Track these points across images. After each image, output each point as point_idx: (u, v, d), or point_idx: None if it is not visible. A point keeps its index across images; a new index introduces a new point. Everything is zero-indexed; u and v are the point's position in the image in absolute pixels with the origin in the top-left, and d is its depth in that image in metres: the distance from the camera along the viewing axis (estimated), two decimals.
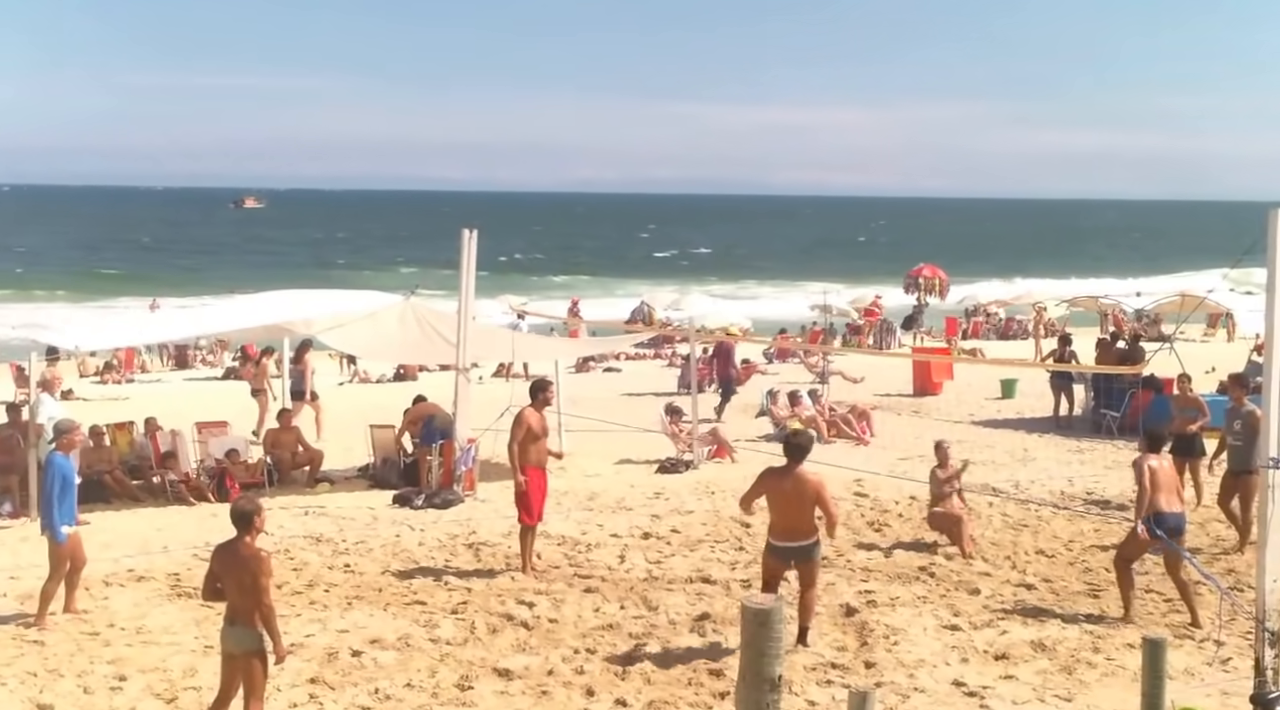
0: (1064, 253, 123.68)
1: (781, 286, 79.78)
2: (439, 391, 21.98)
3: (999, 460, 21.87)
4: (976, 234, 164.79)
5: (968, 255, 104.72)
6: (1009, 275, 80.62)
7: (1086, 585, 14.08)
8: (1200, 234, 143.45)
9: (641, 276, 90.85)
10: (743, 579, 14.21)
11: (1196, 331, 45.94)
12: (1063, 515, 17.40)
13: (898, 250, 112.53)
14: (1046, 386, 26.49)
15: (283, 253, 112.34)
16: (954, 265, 63.79)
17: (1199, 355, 30.97)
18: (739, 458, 21.82)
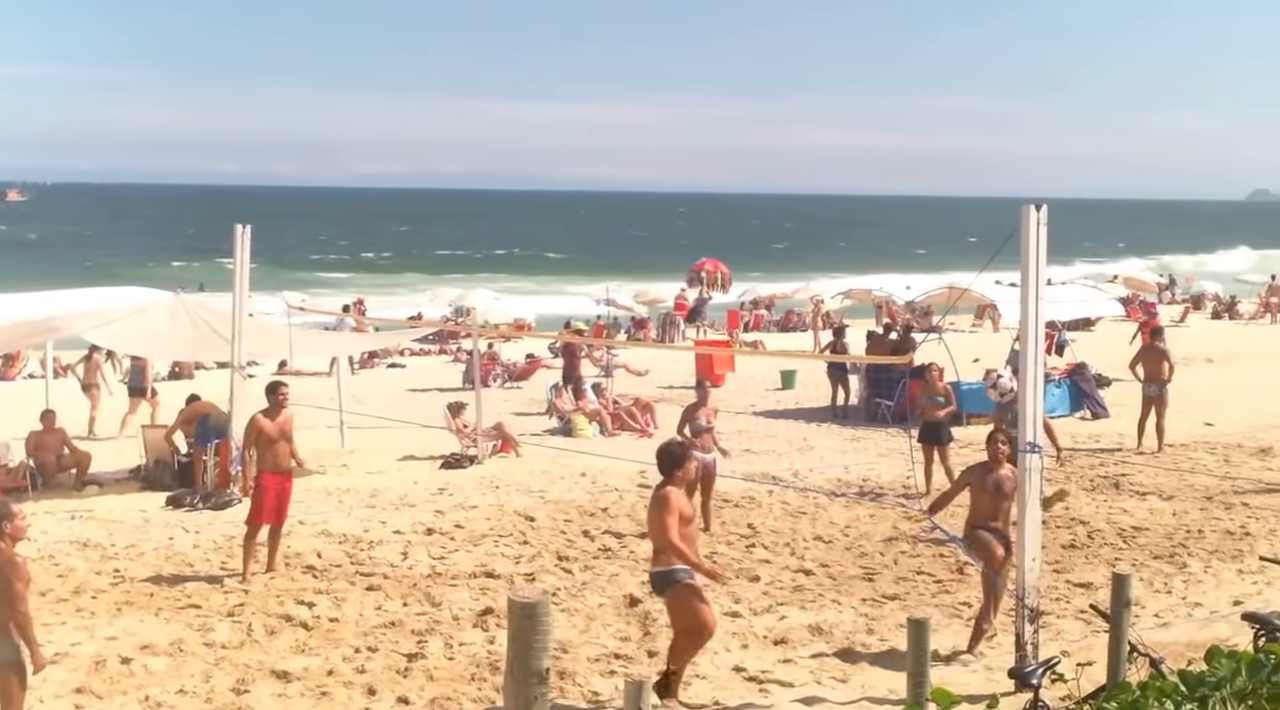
0: (842, 247, 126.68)
1: (567, 282, 79.87)
2: (217, 390, 21.50)
3: (779, 450, 22.35)
4: (759, 229, 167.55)
5: (751, 250, 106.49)
6: (790, 269, 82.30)
7: (862, 569, 14.49)
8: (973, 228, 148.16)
9: (427, 272, 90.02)
10: (526, 572, 14.27)
11: (966, 322, 47.70)
12: (840, 502, 17.85)
13: (682, 245, 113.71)
14: (824, 377, 27.17)
15: (44, 248, 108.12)
16: (736, 259, 64.81)
17: (967, 345, 32.03)
18: (524, 452, 21.89)
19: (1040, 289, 10.50)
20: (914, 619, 7.76)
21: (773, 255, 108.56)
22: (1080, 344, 32.15)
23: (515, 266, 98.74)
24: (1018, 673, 8.56)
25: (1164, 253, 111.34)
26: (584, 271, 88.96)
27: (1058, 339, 30.50)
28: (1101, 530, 16.21)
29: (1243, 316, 55.15)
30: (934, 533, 14.00)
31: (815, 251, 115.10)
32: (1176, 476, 19.31)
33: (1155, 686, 5.06)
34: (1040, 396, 10.75)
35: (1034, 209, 10.30)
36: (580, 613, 12.73)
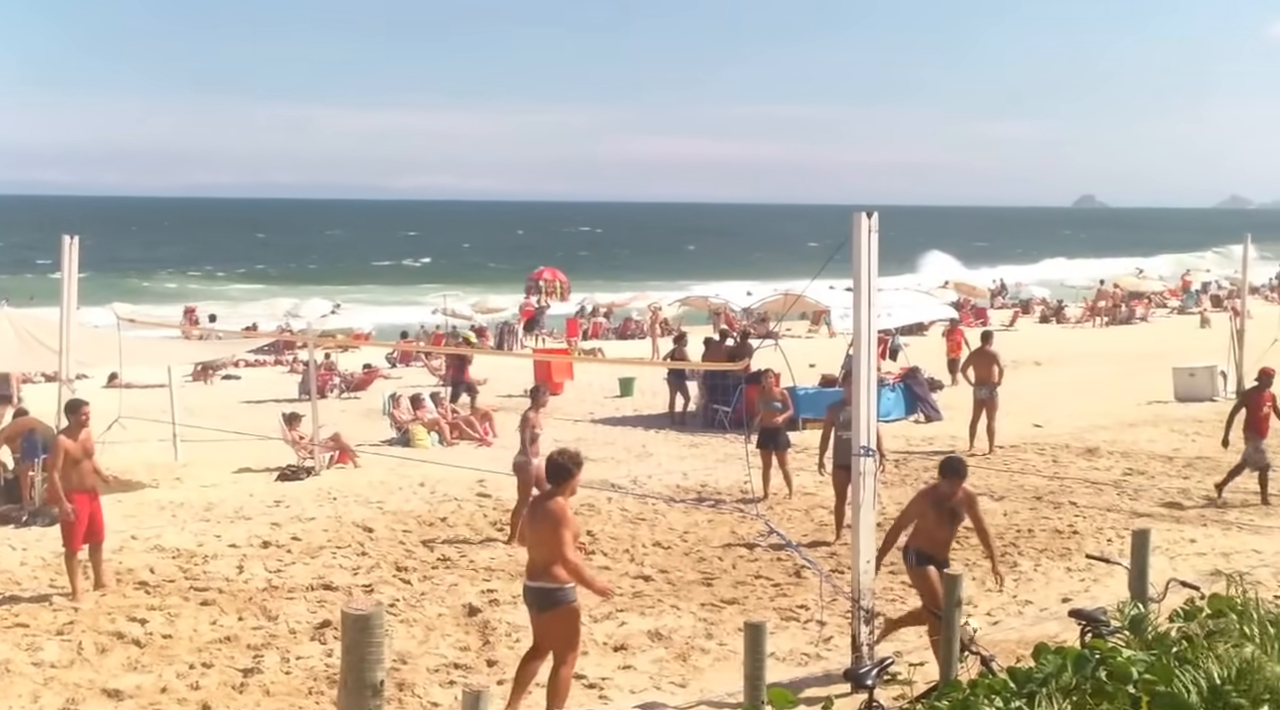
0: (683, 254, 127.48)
1: (404, 291, 79.13)
2: (44, 404, 20.85)
3: (618, 457, 22.40)
4: (597, 237, 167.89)
5: (589, 257, 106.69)
6: (628, 276, 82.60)
7: (701, 574, 14.58)
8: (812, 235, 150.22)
9: (261, 282, 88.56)
10: (365, 584, 14.10)
11: (803, 328, 48.34)
12: (678, 508, 17.94)
13: (521, 254, 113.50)
14: (663, 384, 27.32)
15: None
16: (575, 268, 64.87)
17: (803, 350, 32.48)
18: (362, 462, 21.63)
19: (872, 295, 10.65)
20: (750, 623, 7.81)
21: (611, 263, 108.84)
22: (914, 348, 32.79)
23: (351, 276, 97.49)
24: (853, 674, 8.67)
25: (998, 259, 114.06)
26: (420, 281, 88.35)
27: (891, 344, 31.09)
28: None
29: (1069, 321, 56.75)
30: (771, 537, 14.16)
31: (654, 259, 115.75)
32: (1007, 477, 19.78)
33: (985, 684, 5.16)
34: (874, 401, 10.92)
35: (865, 216, 10.44)
36: (419, 623, 12.62)
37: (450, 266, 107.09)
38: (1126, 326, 53.58)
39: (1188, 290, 65.25)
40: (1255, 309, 44.92)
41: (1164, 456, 21.68)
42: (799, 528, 16.86)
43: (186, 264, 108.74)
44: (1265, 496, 18.02)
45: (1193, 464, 20.95)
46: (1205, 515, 17.31)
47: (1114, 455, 21.83)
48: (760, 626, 7.66)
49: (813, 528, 16.90)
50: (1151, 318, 57.10)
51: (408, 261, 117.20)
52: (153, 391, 27.46)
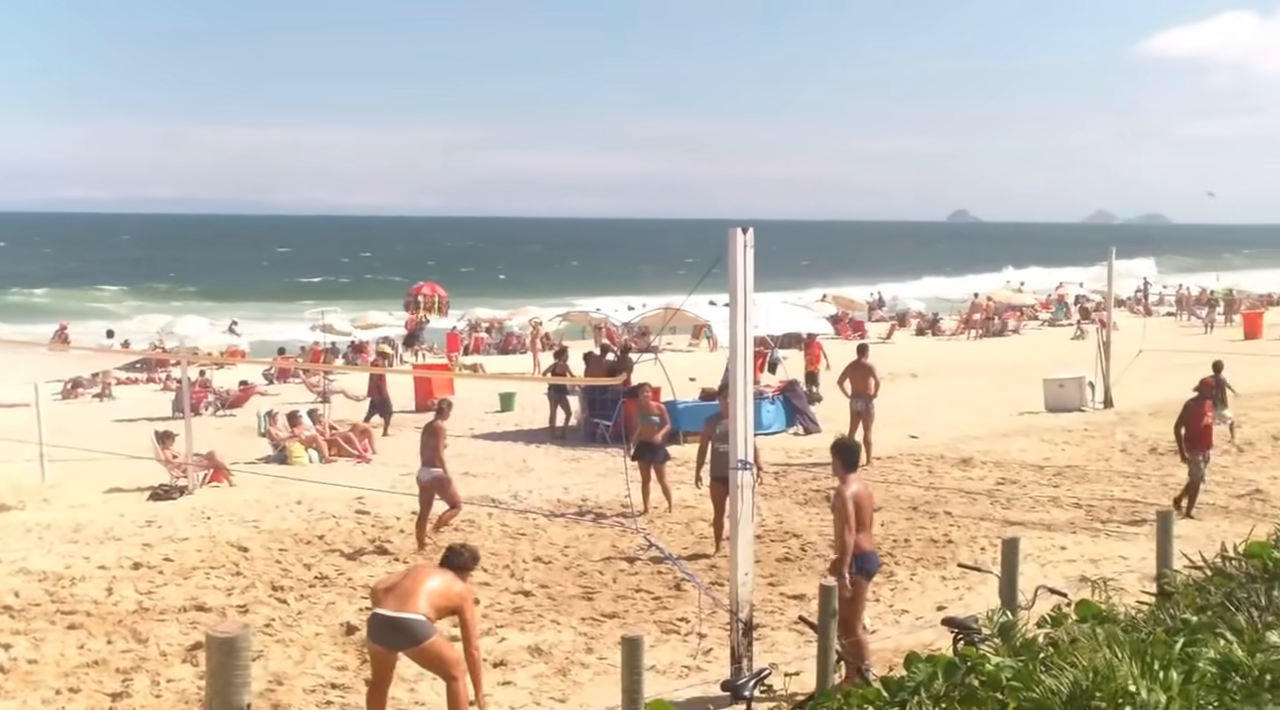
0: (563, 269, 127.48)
1: (281, 307, 78.09)
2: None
3: (498, 472, 22.32)
4: (477, 252, 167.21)
5: (470, 272, 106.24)
6: (509, 291, 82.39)
7: (581, 589, 14.56)
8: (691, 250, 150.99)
9: (135, 299, 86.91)
10: (239, 605, 13.88)
11: (684, 342, 48.57)
12: (559, 523, 17.91)
13: (400, 269, 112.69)
14: (544, 399, 27.28)
15: None
16: (455, 282, 64.53)
17: (685, 364, 32.64)
18: (237, 481, 21.32)
19: (749, 309, 10.73)
20: (627, 637, 7.81)
21: (492, 278, 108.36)
22: (792, 361, 33.10)
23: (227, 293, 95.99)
24: (730, 685, 8.71)
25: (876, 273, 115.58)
26: (298, 297, 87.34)
27: (770, 357, 31.35)
28: (814, 542, 16.68)
29: (945, 333, 57.61)
30: (651, 551, 14.20)
31: (534, 274, 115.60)
32: (884, 488, 20.00)
33: (859, 693, 5.22)
34: (750, 414, 11.00)
35: (740, 232, 10.52)
36: (296, 643, 12.45)
37: (327, 282, 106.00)
38: (1000, 339, 54.52)
39: (1061, 303, 66.61)
40: (1121, 321, 45.94)
41: (1035, 465, 22.07)
42: (679, 541, 16.92)
43: (57, 280, 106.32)
44: (1190, 510, 17.83)
45: (1062, 473, 21.36)
46: (1074, 522, 17.66)
47: (987, 465, 22.19)
48: (637, 641, 7.66)
49: (693, 541, 16.97)
50: (1023, 330, 58.16)
51: (285, 277, 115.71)
52: (18, 410, 26.83)
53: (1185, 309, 65.96)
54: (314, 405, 27.81)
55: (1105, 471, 21.54)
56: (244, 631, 4.74)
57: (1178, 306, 68.76)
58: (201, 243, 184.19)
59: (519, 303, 63.17)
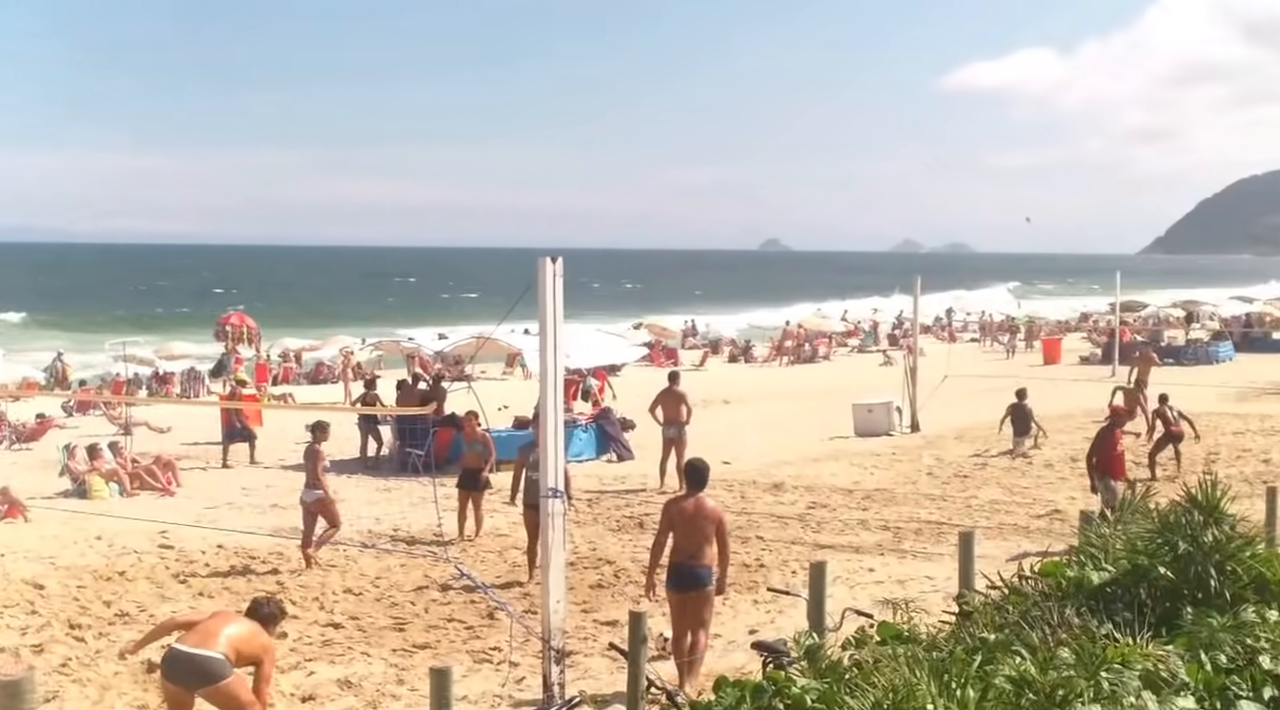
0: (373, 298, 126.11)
1: (78, 338, 75.68)
2: None
3: None
4: (287, 281, 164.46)
5: (279, 302, 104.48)
6: (320, 321, 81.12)
7: (393, 620, 14.37)
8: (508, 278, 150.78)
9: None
10: (34, 644, 13.36)
11: (498, 370, 48.34)
12: (370, 553, 17.64)
13: (208, 298, 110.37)
14: (355, 428, 26.88)
15: None
16: (264, 312, 63.41)
17: (499, 393, 32.47)
18: (33, 516, 20.54)
19: (559, 338, 10.72)
20: (436, 668, 7.71)
21: (302, 307, 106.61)
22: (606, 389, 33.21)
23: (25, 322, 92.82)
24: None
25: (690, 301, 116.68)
26: (101, 328, 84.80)
27: (583, 385, 31.40)
28: (627, 569, 16.70)
29: (757, 360, 58.35)
30: (461, 580, 14.06)
31: (346, 303, 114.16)
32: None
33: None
34: (561, 442, 10.97)
35: (550, 261, 10.53)
36: (94, 683, 12.04)
37: (133, 312, 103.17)
38: (811, 365, 55.43)
39: (870, 330, 68.04)
40: (927, 347, 47.09)
41: (845, 489, 22.46)
42: (493, 569, 16.81)
43: None
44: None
45: (871, 496, 21.77)
46: (882, 544, 18.00)
47: (798, 489, 22.50)
48: (445, 671, 7.57)
49: (506, 569, 16.87)
50: (834, 357, 59.22)
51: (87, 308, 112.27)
52: None
53: (988, 335, 67.92)
54: (115, 438, 26.98)
55: (912, 494, 22.01)
56: (29, 674, 4.55)
57: (981, 333, 70.81)
58: (4, 270, 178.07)
59: (330, 332, 62.20)
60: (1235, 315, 66.35)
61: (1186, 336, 59.38)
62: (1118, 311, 53.30)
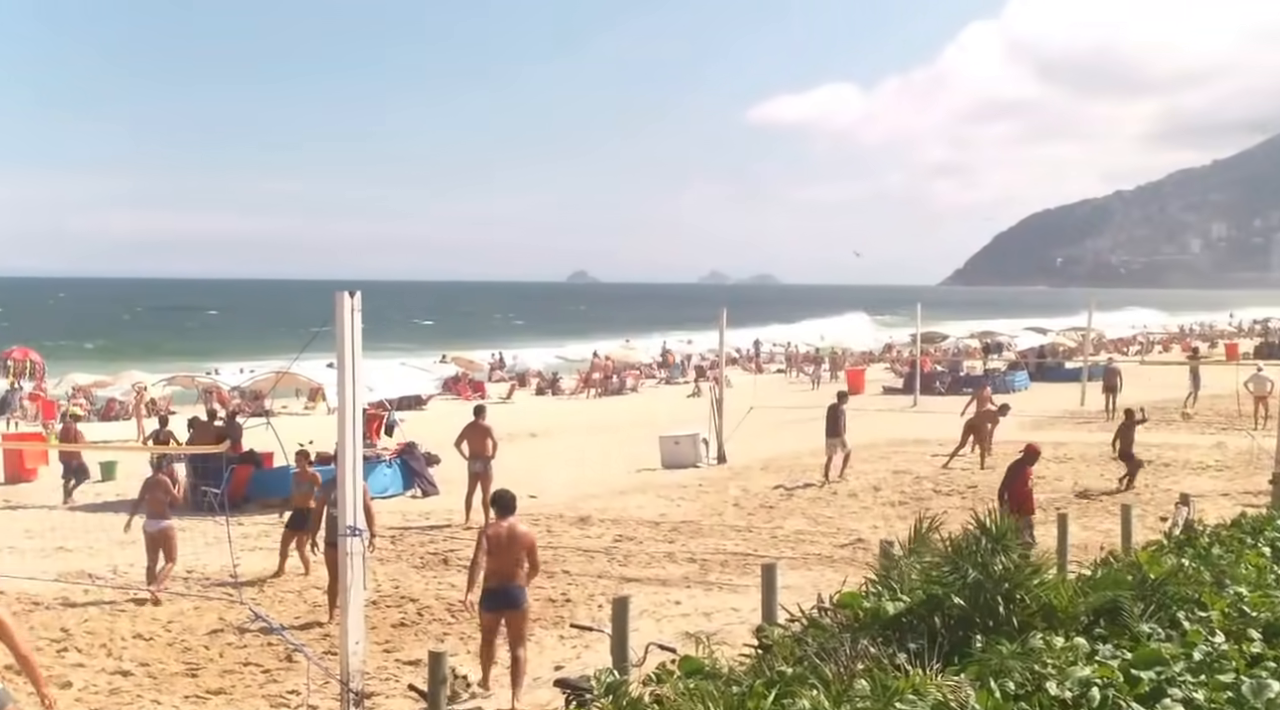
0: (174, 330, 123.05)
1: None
2: None
3: (98, 545, 21.11)
4: (77, 314, 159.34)
5: (68, 336, 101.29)
6: (115, 355, 78.84)
7: (185, 665, 13.86)
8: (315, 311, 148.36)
9: None
10: None
11: (300, 405, 47.46)
12: (163, 596, 17.03)
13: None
14: (148, 466, 26.00)
15: None
16: (53, 347, 61.35)
17: (302, 428, 31.79)
18: None
19: (357, 372, 10.51)
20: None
21: (95, 341, 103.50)
22: (410, 423, 32.78)
23: None
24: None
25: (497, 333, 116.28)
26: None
27: (388, 419, 30.93)
28: (431, 607, 16.41)
29: (565, 392, 58.36)
30: (257, 622, 13.65)
31: (145, 336, 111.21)
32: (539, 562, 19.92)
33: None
34: (359, 478, 10.73)
35: (348, 295, 10.34)
36: None
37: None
38: (619, 397, 55.64)
39: (678, 361, 68.57)
40: (734, 378, 47.62)
41: (651, 522, 22.45)
42: (292, 610, 16.37)
43: None
44: None
45: (678, 528, 21.79)
46: (689, 577, 18.00)
47: (605, 522, 22.43)
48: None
49: (306, 609, 16.44)
50: (642, 388, 59.52)
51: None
52: None
53: (794, 366, 69.05)
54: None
55: (719, 526, 22.10)
56: None
57: (787, 364, 71.95)
58: None
59: (123, 366, 60.41)
60: (1031, 346, 68.53)
61: (984, 366, 61.10)
62: (918, 342, 54.63)
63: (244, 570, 17.60)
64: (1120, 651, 6.16)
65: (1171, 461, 28.82)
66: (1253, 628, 6.41)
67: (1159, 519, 19.30)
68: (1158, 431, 35.44)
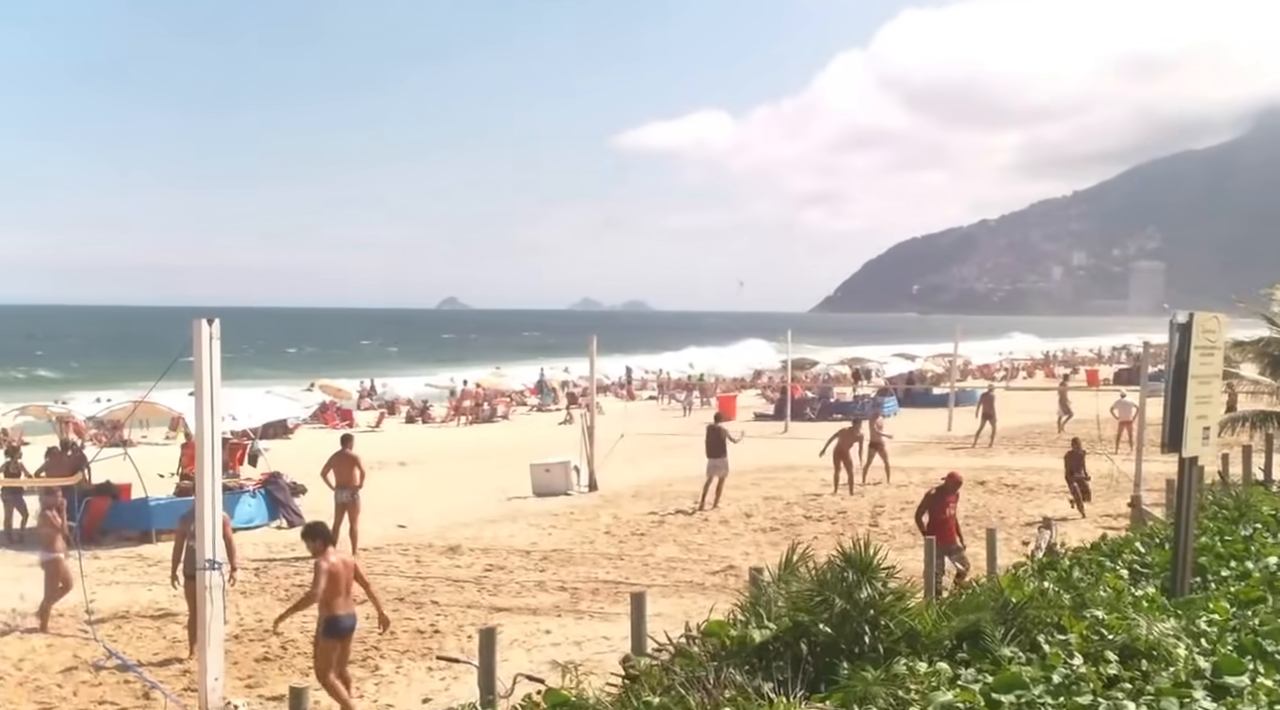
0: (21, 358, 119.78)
1: None
2: None
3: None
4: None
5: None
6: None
7: (38, 705, 13.42)
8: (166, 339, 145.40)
9: None
10: None
11: (161, 434, 46.43)
12: (13, 635, 16.48)
13: None
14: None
15: None
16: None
17: (163, 457, 31.13)
18: None
19: (216, 400, 10.31)
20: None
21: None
22: (275, 452, 32.23)
23: None
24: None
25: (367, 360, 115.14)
26: None
27: (251, 448, 30.37)
28: (296, 640, 16.06)
29: (435, 420, 57.87)
30: (111, 661, 13.26)
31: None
32: (370, 579, 19.57)
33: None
34: (218, 510, 10.50)
35: (206, 323, 10.14)
36: None
37: None
38: (490, 425, 55.30)
39: (549, 388, 68.36)
40: (606, 405, 47.65)
41: (522, 551, 22.27)
42: (150, 646, 15.92)
43: None
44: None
45: (549, 557, 21.64)
46: (559, 606, 17.86)
47: (475, 552, 22.20)
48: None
49: (165, 645, 15.99)
50: (513, 416, 59.24)
51: None
52: None
53: (666, 393, 69.23)
54: None
55: (590, 553, 21.98)
56: None
57: (659, 390, 72.14)
58: None
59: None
60: (900, 372, 69.46)
61: (854, 393, 61.83)
62: (789, 369, 55.09)
63: (101, 605, 17.10)
64: (982, 676, 6.19)
65: (1035, 485, 29.36)
66: (1109, 650, 6.48)
67: (1022, 543, 19.58)
68: (1022, 456, 36.13)
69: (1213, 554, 9.44)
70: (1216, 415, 10.16)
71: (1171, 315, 9.22)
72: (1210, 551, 9.51)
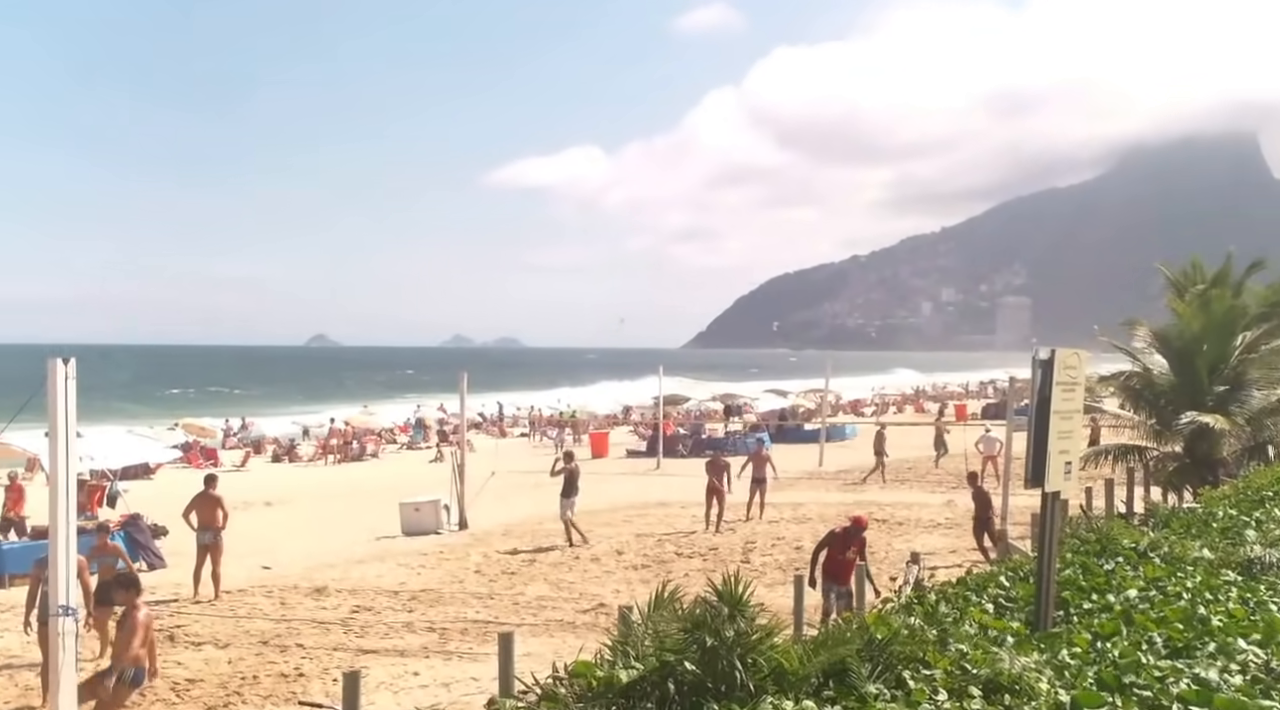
0: None
1: None
2: None
3: None
4: None
5: None
6: None
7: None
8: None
9: None
10: None
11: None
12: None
13: None
14: None
15: None
16: None
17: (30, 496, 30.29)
18: None
19: (71, 441, 10.03)
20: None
21: None
22: (136, 493, 31.51)
23: None
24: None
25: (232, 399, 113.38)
26: None
27: (110, 489, 29.66)
28: (154, 685, 15.65)
29: (302, 459, 57.12)
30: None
31: None
32: (233, 622, 19.23)
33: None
34: (73, 554, 10.19)
35: (61, 362, 9.88)
36: None
37: None
38: (359, 463, 54.73)
39: (420, 426, 67.84)
40: (478, 443, 47.35)
41: (390, 591, 21.97)
42: (2, 694, 15.43)
43: None
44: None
45: (417, 597, 21.37)
46: (428, 647, 17.63)
47: (342, 593, 21.85)
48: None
49: (17, 693, 15.52)
50: (383, 454, 58.66)
51: None
52: None
53: (537, 430, 69.03)
54: None
55: (459, 593, 21.76)
56: None
57: (531, 427, 71.92)
58: None
59: None
60: (772, 408, 69.99)
61: (725, 429, 62.17)
62: (661, 405, 55.24)
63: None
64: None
65: (905, 520, 29.67)
66: (973, 685, 6.51)
67: (890, 578, 19.76)
68: (892, 490, 36.54)
69: (1075, 587, 9.55)
70: (1079, 450, 10.31)
71: (1034, 351, 9.36)
72: (1073, 584, 9.62)
